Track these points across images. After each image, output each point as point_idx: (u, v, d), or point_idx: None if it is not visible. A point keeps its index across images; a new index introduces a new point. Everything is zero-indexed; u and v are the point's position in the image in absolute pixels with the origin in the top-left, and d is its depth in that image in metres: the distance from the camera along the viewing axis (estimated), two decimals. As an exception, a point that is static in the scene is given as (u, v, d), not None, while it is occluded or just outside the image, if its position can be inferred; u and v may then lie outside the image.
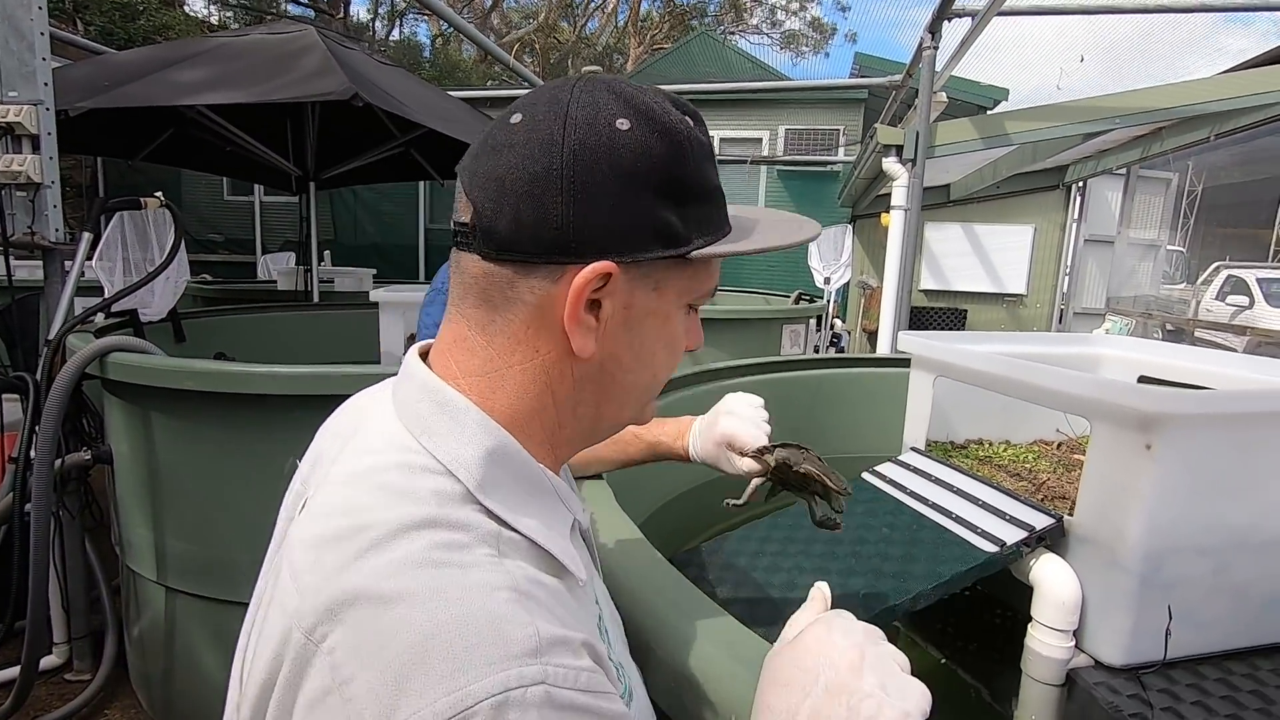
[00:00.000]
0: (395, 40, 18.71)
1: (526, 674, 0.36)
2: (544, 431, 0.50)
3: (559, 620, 0.40)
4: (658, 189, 0.46)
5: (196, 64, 2.89)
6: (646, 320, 0.50)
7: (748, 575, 1.15)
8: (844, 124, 7.79)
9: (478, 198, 0.46)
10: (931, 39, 3.21)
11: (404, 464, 0.45)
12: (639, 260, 0.46)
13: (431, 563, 0.39)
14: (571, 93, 0.46)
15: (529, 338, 0.47)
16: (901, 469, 1.37)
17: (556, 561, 0.46)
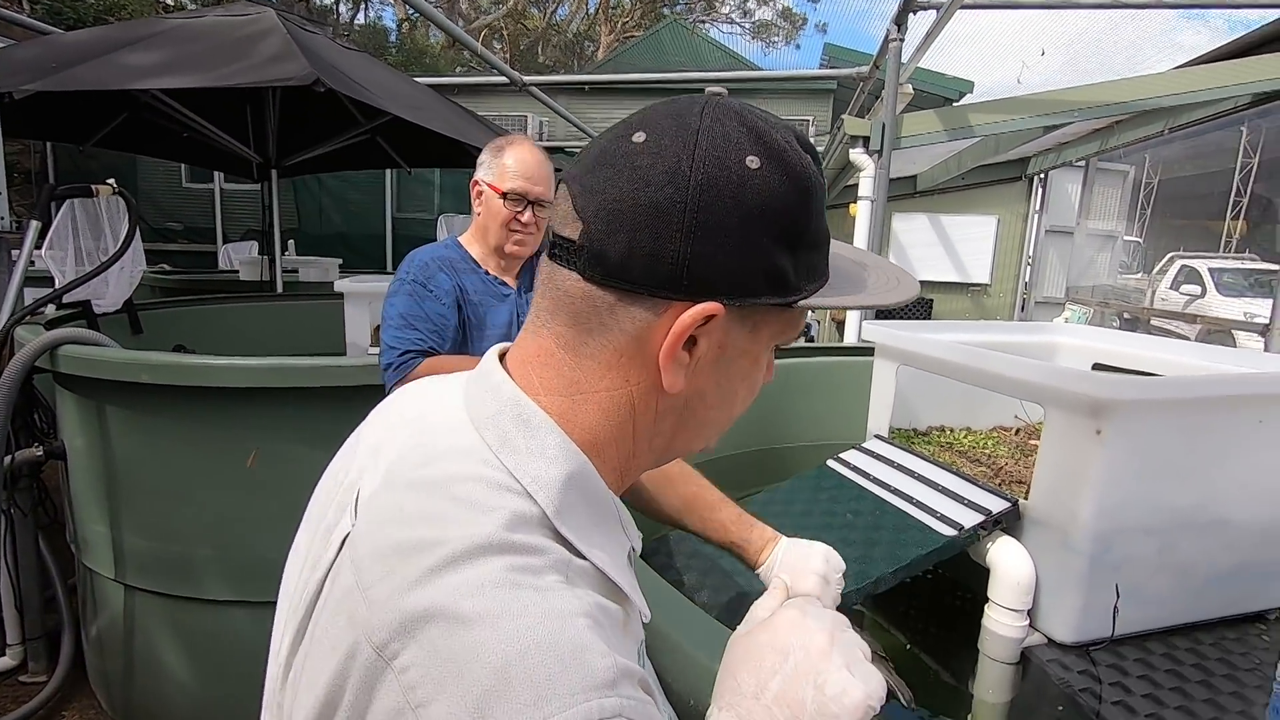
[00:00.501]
0: (360, 24, 18.31)
1: (607, 705, 0.35)
2: (619, 458, 0.49)
3: (622, 651, 0.40)
4: (779, 234, 0.44)
5: (151, 46, 2.79)
6: (738, 360, 0.48)
7: (714, 563, 1.17)
8: (813, 114, 7.85)
9: (590, 216, 0.43)
10: (898, 31, 3.25)
11: (483, 478, 0.43)
12: (746, 305, 0.45)
13: (511, 584, 0.38)
14: (701, 119, 0.44)
15: (621, 365, 0.46)
16: (866, 456, 1.39)
17: (620, 592, 0.45)
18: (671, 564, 1.19)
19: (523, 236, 1.48)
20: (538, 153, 1.50)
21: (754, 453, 1.88)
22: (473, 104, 6.02)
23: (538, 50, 19.97)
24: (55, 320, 2.20)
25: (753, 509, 1.31)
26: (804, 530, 1.21)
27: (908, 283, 0.53)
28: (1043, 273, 6.72)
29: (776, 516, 1.27)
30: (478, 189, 1.51)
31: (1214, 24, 43.96)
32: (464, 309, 1.45)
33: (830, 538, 1.17)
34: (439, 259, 1.47)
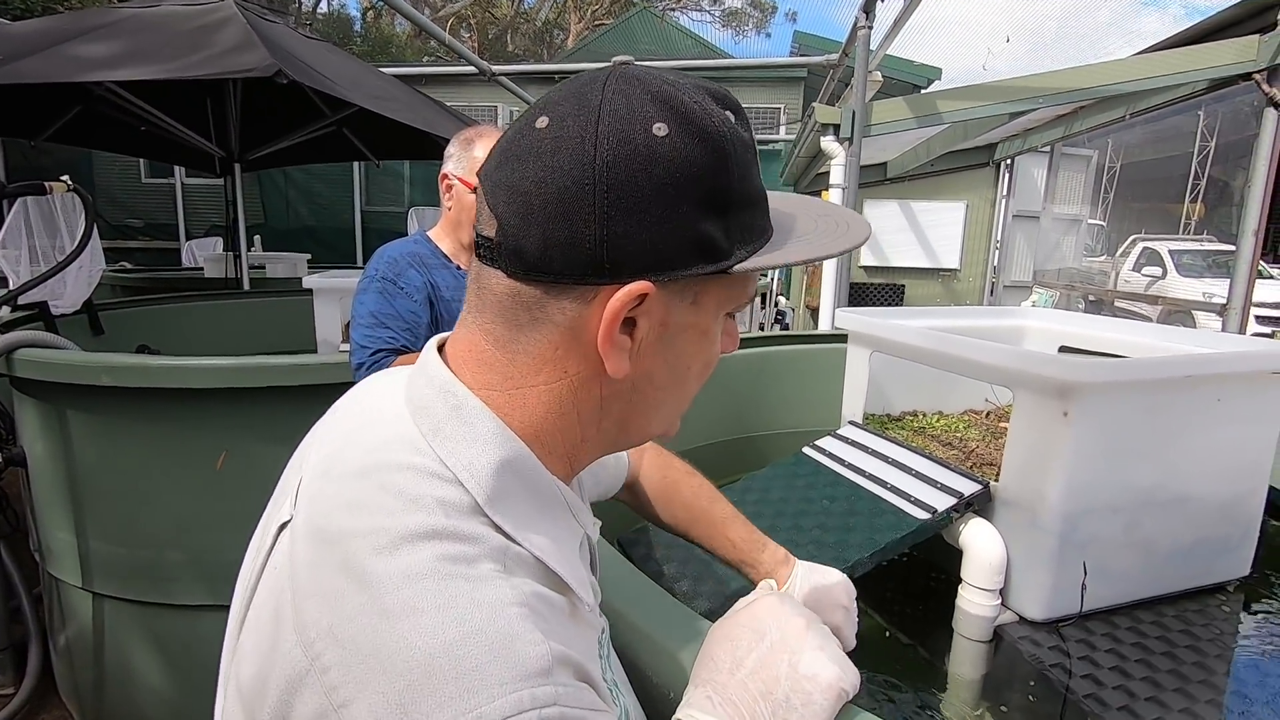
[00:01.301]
0: (323, 13, 17.89)
1: (540, 695, 0.35)
2: (565, 447, 0.48)
3: (563, 640, 0.39)
4: (700, 200, 0.42)
5: (103, 36, 2.70)
6: (684, 335, 0.47)
7: (693, 552, 1.17)
8: (785, 102, 7.88)
9: (503, 212, 0.42)
10: (866, 18, 3.26)
11: (413, 467, 0.42)
12: (677, 278, 0.43)
13: (439, 575, 0.37)
14: (602, 92, 0.42)
15: (557, 358, 0.45)
16: (840, 442, 1.41)
17: (562, 581, 0.45)
18: (651, 555, 1.20)
19: None
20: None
21: (730, 441, 1.89)
22: (442, 94, 5.93)
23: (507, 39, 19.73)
24: (11, 323, 2.13)
25: (731, 496, 1.32)
26: (782, 516, 1.23)
27: (858, 226, 0.51)
28: (1010, 257, 6.84)
29: (755, 504, 1.28)
30: (447, 183, 1.49)
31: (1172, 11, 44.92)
32: (436, 306, 1.43)
33: (808, 523, 1.19)
34: (409, 255, 1.45)
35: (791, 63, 6.36)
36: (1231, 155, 13.05)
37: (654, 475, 0.86)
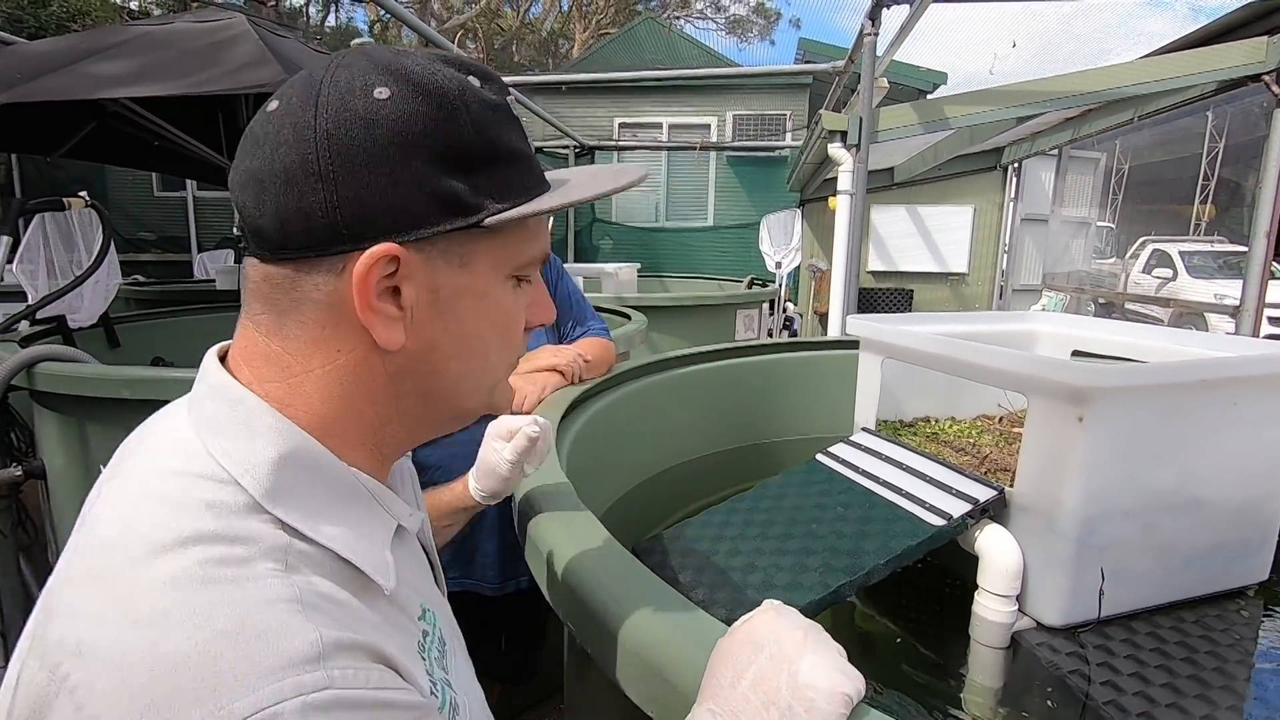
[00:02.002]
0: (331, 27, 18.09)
1: (306, 681, 0.35)
2: (362, 433, 0.47)
3: (353, 628, 0.39)
4: (433, 156, 0.42)
5: (118, 54, 2.75)
6: (460, 300, 0.46)
7: (708, 560, 1.18)
8: (790, 109, 7.89)
9: (240, 199, 0.43)
10: (872, 25, 3.28)
11: (182, 471, 0.41)
12: (426, 236, 0.43)
13: (198, 581, 0.36)
14: (327, 69, 0.42)
15: (326, 338, 0.44)
16: (853, 449, 1.41)
17: (361, 572, 0.43)
18: (666, 563, 1.20)
19: None
20: None
21: (741, 449, 1.89)
22: (449, 106, 5.98)
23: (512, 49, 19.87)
24: (30, 337, 2.16)
25: (744, 504, 1.33)
26: (794, 525, 1.23)
27: (629, 172, 0.51)
28: (1019, 260, 6.82)
29: (768, 511, 1.29)
30: None
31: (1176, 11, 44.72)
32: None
33: (822, 530, 1.19)
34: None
35: (797, 70, 6.39)
36: (1242, 156, 12.97)
37: None
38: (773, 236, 6.19)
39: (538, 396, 1.31)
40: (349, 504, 0.45)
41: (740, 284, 6.16)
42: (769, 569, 1.11)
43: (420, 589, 0.52)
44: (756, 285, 6.05)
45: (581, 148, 8.01)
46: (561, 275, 1.67)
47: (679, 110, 8.27)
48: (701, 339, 4.25)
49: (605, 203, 8.47)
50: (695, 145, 7.92)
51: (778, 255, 6.11)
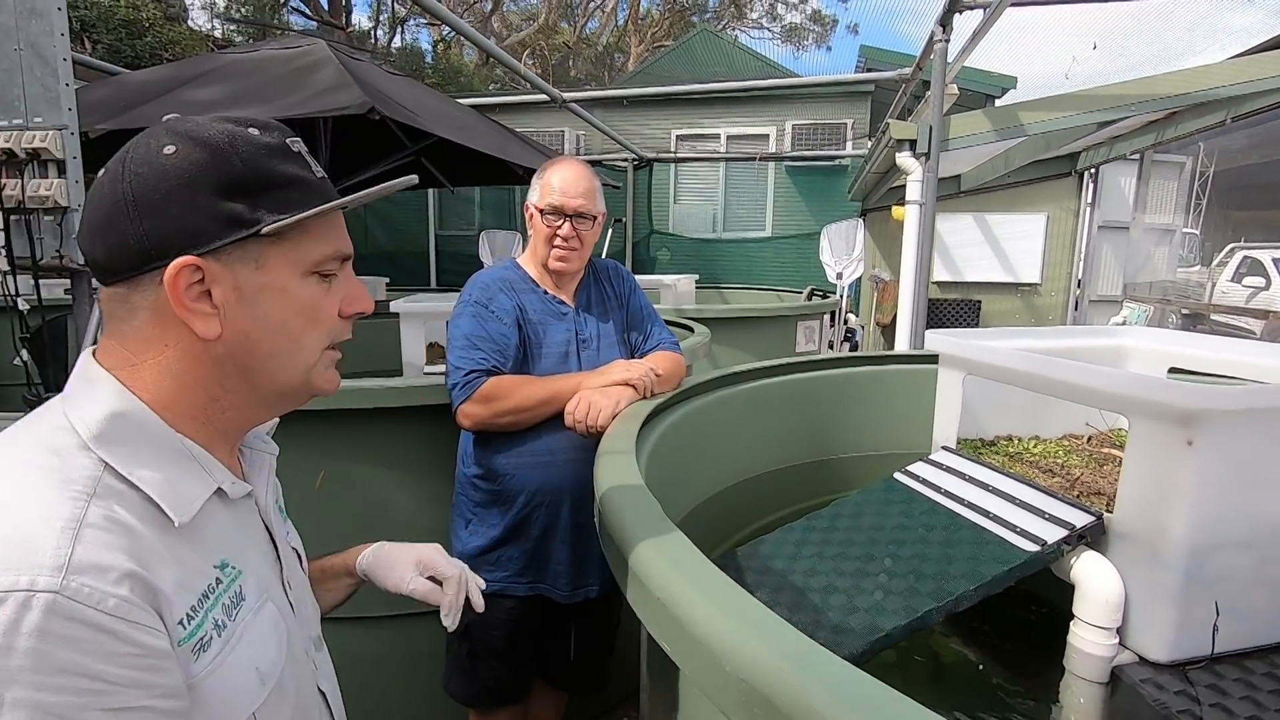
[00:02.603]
0: (397, 47, 18.79)
1: (39, 582, 0.43)
2: (194, 408, 0.59)
3: (123, 551, 0.48)
4: (213, 189, 0.55)
5: (211, 81, 2.93)
6: (262, 295, 0.59)
7: (785, 579, 1.16)
8: (852, 118, 7.77)
9: (82, 244, 0.57)
10: (943, 32, 3.20)
11: (40, 423, 0.54)
12: (216, 247, 0.56)
13: (10, 484, 0.48)
14: (135, 140, 0.57)
15: (157, 335, 0.57)
16: (934, 468, 1.37)
17: (162, 512, 0.53)
18: (742, 580, 1.19)
19: (564, 251, 1.50)
20: (577, 168, 1.52)
21: (810, 464, 1.86)
22: (511, 121, 6.12)
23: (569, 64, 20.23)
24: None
25: (821, 523, 1.30)
26: (875, 546, 1.20)
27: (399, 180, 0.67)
28: (1097, 270, 6.51)
29: (846, 531, 1.26)
30: (528, 212, 1.54)
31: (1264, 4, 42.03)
32: (524, 328, 1.48)
33: (905, 552, 1.15)
34: (500, 280, 1.50)
35: (860, 78, 6.28)
36: (1344, 156, 12.07)
37: None
38: (833, 247, 6.09)
39: (611, 410, 1.32)
40: (169, 460, 0.56)
41: (800, 295, 6.08)
42: (850, 591, 1.08)
43: (234, 549, 0.61)
44: (817, 296, 5.96)
45: (640, 160, 8.07)
46: (634, 289, 1.68)
47: (737, 121, 8.25)
48: (762, 351, 4.21)
49: (663, 215, 8.50)
50: (754, 156, 7.88)
51: (839, 266, 6.01)
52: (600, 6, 21.15)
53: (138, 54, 10.05)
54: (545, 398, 1.39)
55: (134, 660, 0.46)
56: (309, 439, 1.75)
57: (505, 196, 8.68)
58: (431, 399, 1.65)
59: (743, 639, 0.57)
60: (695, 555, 0.73)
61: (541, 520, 1.44)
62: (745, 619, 0.60)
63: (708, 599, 0.64)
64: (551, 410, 1.39)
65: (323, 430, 1.74)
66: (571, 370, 1.48)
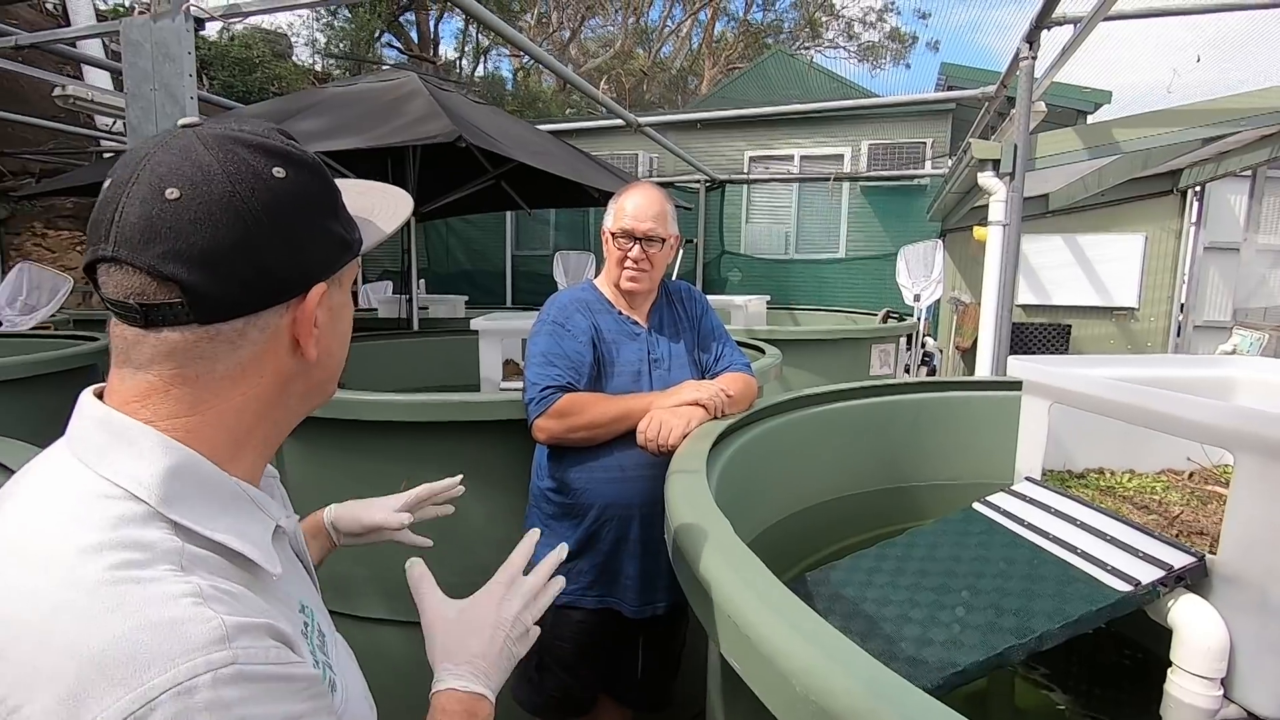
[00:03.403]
0: (480, 76, 19.64)
1: (215, 659, 0.41)
2: (258, 440, 0.56)
3: (253, 613, 0.46)
4: (328, 212, 0.55)
5: (315, 114, 3.15)
6: (341, 311, 0.60)
7: (857, 607, 1.14)
8: (931, 136, 7.57)
9: (186, 278, 0.47)
10: (1029, 49, 3.09)
11: (80, 492, 0.46)
12: (335, 271, 0.56)
13: (108, 584, 0.42)
14: (210, 156, 0.49)
15: (255, 368, 0.53)
16: (1016, 499, 1.32)
17: (250, 562, 0.51)
18: (812, 606, 1.17)
19: (634, 273, 1.54)
20: (649, 192, 1.57)
21: (884, 491, 1.82)
22: (587, 145, 6.29)
23: (643, 88, 20.59)
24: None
25: (895, 550, 1.28)
26: (953, 576, 1.16)
27: (395, 193, 0.67)
28: (1202, 294, 6.06)
29: (921, 560, 1.23)
30: (604, 235, 1.60)
31: (1405, 6, 38.27)
32: (598, 347, 1.52)
33: (984, 585, 1.12)
34: (577, 300, 1.56)
35: (940, 97, 6.13)
36: None
37: None
38: (910, 269, 5.92)
39: (682, 430, 1.33)
40: (233, 508, 0.52)
41: (875, 317, 5.93)
42: (925, 622, 1.05)
43: (298, 587, 0.59)
44: (893, 319, 5.80)
45: (712, 181, 8.11)
46: (706, 310, 1.70)
47: (811, 141, 8.18)
48: (834, 374, 4.13)
49: (734, 235, 8.50)
50: (829, 177, 7.78)
51: (916, 288, 5.84)
52: (675, 31, 21.49)
53: (248, 88, 10.91)
54: (618, 415, 1.42)
55: (310, 689, 0.47)
56: (393, 449, 1.85)
57: (579, 218, 8.89)
58: (507, 414, 1.71)
59: (814, 659, 0.57)
60: (766, 574, 0.73)
61: (612, 535, 1.46)
62: (817, 640, 0.60)
63: (778, 617, 0.64)
64: (623, 428, 1.42)
65: (406, 441, 1.83)
66: (643, 389, 1.51)
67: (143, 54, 2.15)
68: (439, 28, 15.73)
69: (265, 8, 2.88)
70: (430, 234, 9.39)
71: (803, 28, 21.24)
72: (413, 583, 0.74)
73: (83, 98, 3.73)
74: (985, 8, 26.01)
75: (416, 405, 1.78)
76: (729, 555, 0.78)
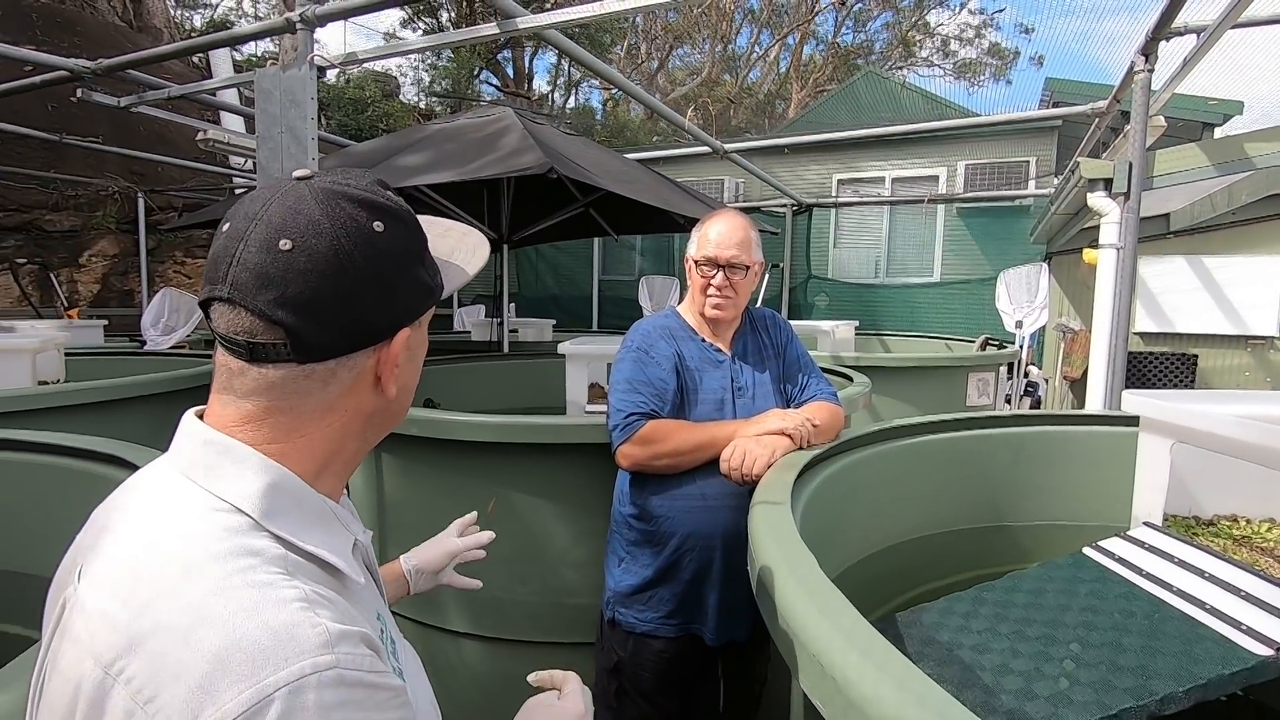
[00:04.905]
0: (571, 107, 20.35)
1: (321, 662, 0.44)
2: (338, 465, 0.60)
3: (348, 620, 0.49)
4: (417, 261, 0.59)
5: (417, 149, 3.36)
6: (418, 350, 0.63)
7: (952, 653, 1.08)
8: (1035, 155, 7.20)
9: (290, 321, 0.52)
10: (1145, 61, 2.90)
11: (193, 508, 0.51)
12: (418, 316, 0.60)
13: (228, 589, 0.46)
14: (321, 210, 0.54)
15: (341, 404, 0.58)
16: (1133, 546, 1.21)
17: (340, 572, 0.55)
18: (902, 649, 1.12)
19: (718, 300, 1.54)
20: (732, 219, 1.57)
21: (981, 529, 1.72)
22: (673, 172, 6.38)
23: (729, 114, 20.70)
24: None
25: (995, 595, 1.20)
26: (1061, 626, 1.08)
27: (469, 233, 0.70)
28: (1357, 322, 5.40)
29: (1024, 607, 1.15)
30: (688, 264, 1.61)
31: None
32: (682, 374, 1.52)
33: (1096, 639, 1.03)
34: (660, 328, 1.57)
35: (1045, 115, 5.83)
36: None
37: None
38: (1012, 293, 5.61)
39: (766, 460, 1.32)
40: (321, 522, 0.56)
41: (972, 344, 5.65)
42: (1028, 674, 0.98)
43: (373, 598, 0.63)
44: (991, 346, 5.51)
45: (799, 205, 8.02)
46: (791, 338, 1.68)
47: (903, 163, 7.95)
48: (928, 404, 3.95)
49: (821, 260, 8.35)
50: (923, 199, 7.53)
51: (1018, 314, 5.52)
52: (763, 57, 21.54)
53: (360, 126, 11.77)
54: (701, 443, 1.42)
55: (399, 699, 0.50)
56: (483, 469, 1.92)
57: (665, 244, 8.99)
58: (591, 438, 1.74)
59: (905, 708, 0.55)
60: (854, 614, 0.71)
61: (694, 564, 1.45)
62: (908, 687, 0.58)
63: (866, 660, 0.62)
64: (707, 456, 1.41)
65: (495, 462, 1.90)
66: (726, 417, 1.50)
67: (273, 100, 2.37)
68: (533, 63, 16.46)
69: (379, 54, 3.11)
70: (521, 260, 9.74)
71: (895, 47, 20.79)
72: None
73: (220, 141, 4.15)
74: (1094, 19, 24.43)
75: (504, 427, 1.84)
76: (814, 593, 0.77)
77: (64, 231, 8.42)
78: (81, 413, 2.36)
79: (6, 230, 7.82)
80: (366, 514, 2.15)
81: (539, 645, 1.90)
